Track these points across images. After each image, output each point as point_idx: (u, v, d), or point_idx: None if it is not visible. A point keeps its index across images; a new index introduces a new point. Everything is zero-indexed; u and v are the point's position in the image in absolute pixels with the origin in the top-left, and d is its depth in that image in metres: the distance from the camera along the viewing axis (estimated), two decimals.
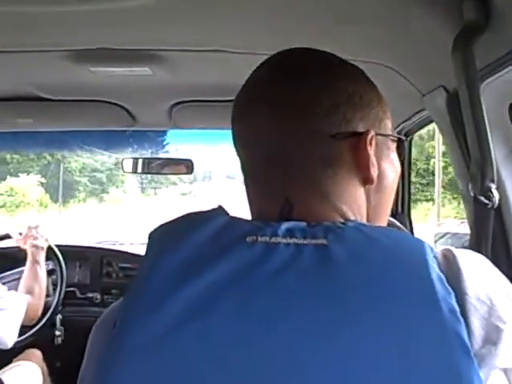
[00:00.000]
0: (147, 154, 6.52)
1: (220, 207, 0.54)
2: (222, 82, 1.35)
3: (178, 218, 0.54)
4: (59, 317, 2.03)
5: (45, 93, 1.45)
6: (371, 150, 0.54)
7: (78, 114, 1.62)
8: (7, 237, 2.03)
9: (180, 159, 1.95)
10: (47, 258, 1.96)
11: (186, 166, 1.94)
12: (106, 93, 1.47)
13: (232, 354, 0.44)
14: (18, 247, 1.98)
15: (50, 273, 1.96)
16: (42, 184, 18.70)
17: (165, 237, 0.53)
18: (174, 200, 20.44)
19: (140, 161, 1.98)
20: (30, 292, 1.73)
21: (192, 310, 0.45)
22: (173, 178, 20.98)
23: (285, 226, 0.50)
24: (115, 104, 1.54)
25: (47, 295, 1.90)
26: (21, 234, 1.97)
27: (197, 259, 0.48)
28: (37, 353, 1.94)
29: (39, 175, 18.70)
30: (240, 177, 0.61)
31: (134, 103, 1.56)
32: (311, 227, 0.50)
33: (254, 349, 0.44)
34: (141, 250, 2.43)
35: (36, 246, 1.88)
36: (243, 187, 0.60)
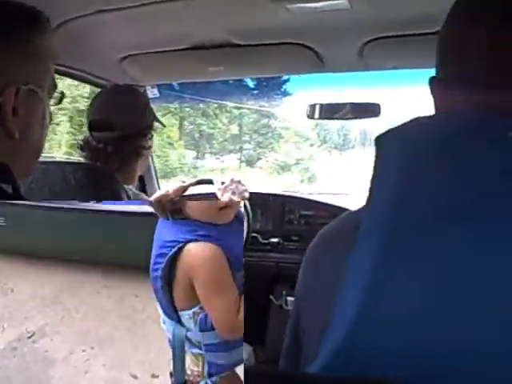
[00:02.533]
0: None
1: None
2: (425, 12, 1.21)
3: (410, 121, 0.53)
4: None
5: (237, 38, 1.43)
6: None
7: (266, 59, 1.59)
8: (209, 182, 1.98)
9: (366, 103, 1.81)
10: None
11: (372, 110, 1.80)
12: (296, 34, 1.41)
13: None
14: (213, 194, 2.01)
15: None
16: None
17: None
18: None
19: (321, 106, 1.87)
20: None
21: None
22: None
23: None
24: (304, 45, 1.48)
25: None
26: (223, 183, 1.90)
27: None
28: None
29: None
30: None
31: (323, 43, 1.48)
32: None
33: None
34: (321, 199, 2.39)
35: (231, 201, 1.79)
36: None
